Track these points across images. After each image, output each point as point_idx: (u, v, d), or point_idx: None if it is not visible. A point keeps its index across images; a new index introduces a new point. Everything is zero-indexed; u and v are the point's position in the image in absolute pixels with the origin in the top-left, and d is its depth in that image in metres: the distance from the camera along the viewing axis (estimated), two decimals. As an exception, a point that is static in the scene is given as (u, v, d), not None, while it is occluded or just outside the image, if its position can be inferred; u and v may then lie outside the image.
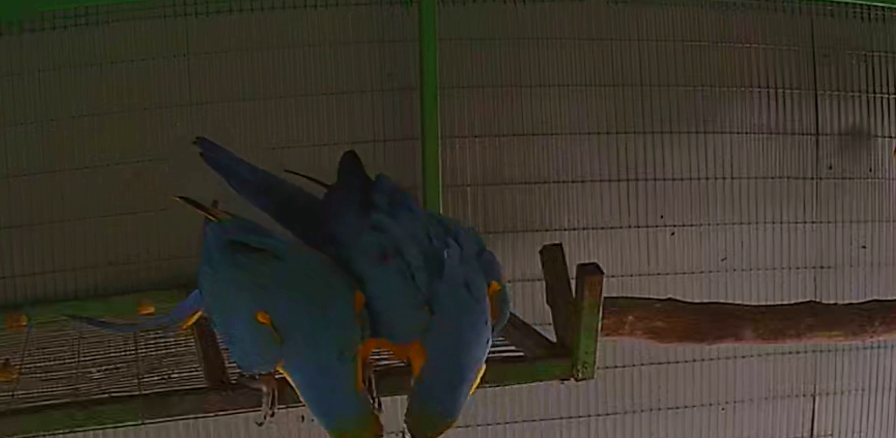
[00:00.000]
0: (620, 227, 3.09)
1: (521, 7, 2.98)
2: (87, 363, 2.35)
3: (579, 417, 3.14)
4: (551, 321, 2.29)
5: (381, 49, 2.92)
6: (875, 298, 2.80)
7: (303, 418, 2.91)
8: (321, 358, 1.88)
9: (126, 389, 2.14)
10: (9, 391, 2.16)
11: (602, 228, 3.07)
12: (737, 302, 2.80)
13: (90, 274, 2.82)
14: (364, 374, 1.92)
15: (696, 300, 2.70)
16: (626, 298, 2.62)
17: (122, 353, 2.41)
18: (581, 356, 2.17)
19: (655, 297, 2.66)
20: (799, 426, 3.29)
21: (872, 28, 3.20)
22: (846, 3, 3.15)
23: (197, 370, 2.22)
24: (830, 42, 3.18)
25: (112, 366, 2.32)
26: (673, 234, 3.12)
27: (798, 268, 3.21)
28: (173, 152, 2.78)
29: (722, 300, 2.79)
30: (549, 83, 3.03)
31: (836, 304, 2.77)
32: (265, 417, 2.01)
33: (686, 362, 3.17)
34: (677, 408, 3.20)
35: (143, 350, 2.42)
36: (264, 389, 1.99)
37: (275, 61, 2.87)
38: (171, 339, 2.46)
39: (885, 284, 3.25)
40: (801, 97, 3.17)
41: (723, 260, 3.16)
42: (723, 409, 3.23)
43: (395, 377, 2.05)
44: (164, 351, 2.40)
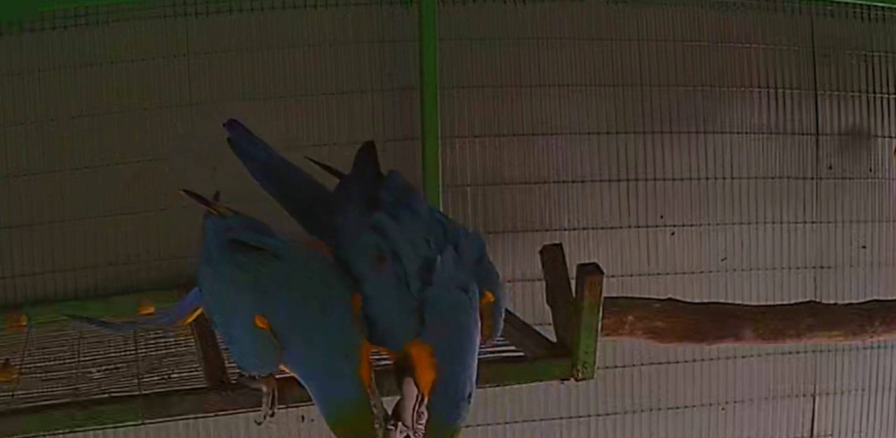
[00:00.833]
0: (620, 227, 3.09)
1: (521, 7, 2.99)
2: (87, 363, 2.35)
3: (579, 417, 3.14)
4: (551, 321, 2.29)
5: (381, 49, 2.92)
6: (875, 298, 2.80)
7: (303, 418, 2.91)
8: (321, 362, 1.88)
9: (126, 389, 2.14)
10: (9, 391, 2.16)
11: (602, 228, 3.07)
12: (737, 302, 2.80)
13: (90, 274, 2.82)
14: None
15: (696, 300, 2.70)
16: (626, 298, 2.62)
17: (122, 353, 2.41)
18: (581, 356, 2.17)
19: (655, 297, 2.66)
20: (799, 426, 3.29)
21: (872, 28, 3.20)
22: (846, 3, 3.15)
23: (197, 370, 2.22)
24: (830, 42, 3.18)
25: (112, 366, 2.32)
26: (673, 234, 3.12)
27: (798, 268, 3.22)
28: (173, 152, 2.79)
29: (722, 300, 2.79)
30: (549, 83, 3.03)
31: (836, 304, 2.77)
32: (265, 417, 2.01)
33: (686, 362, 3.17)
34: (677, 408, 3.20)
35: (143, 350, 2.42)
36: (264, 389, 1.99)
37: (275, 61, 2.87)
38: (171, 339, 2.46)
39: (885, 284, 3.25)
40: (801, 97, 3.17)
41: (723, 260, 3.16)
42: (723, 409, 3.23)
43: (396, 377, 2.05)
44: (164, 351, 2.40)
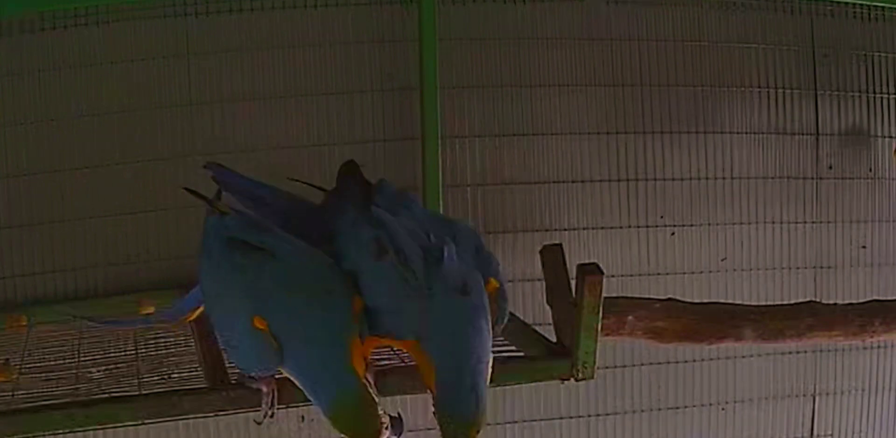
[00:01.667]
0: (620, 227, 3.08)
1: (521, 7, 2.98)
2: (88, 363, 2.35)
3: (579, 417, 3.14)
4: (551, 321, 2.29)
5: (381, 49, 2.92)
6: (875, 298, 2.80)
7: (303, 418, 2.91)
8: (318, 360, 1.88)
9: (126, 389, 2.14)
10: (9, 391, 2.16)
11: (602, 228, 3.07)
12: (737, 302, 2.79)
13: (90, 274, 2.82)
14: (365, 374, 1.91)
15: (696, 300, 2.69)
16: (627, 298, 2.62)
17: (123, 353, 2.41)
18: (581, 356, 2.16)
19: (655, 297, 2.65)
20: (799, 426, 3.29)
21: (872, 28, 3.20)
22: (846, 3, 3.14)
23: (197, 371, 2.22)
24: (830, 42, 3.17)
25: (112, 366, 2.32)
26: (673, 234, 3.12)
27: (798, 268, 3.21)
28: (173, 153, 2.79)
29: (722, 300, 2.79)
30: (549, 83, 3.02)
31: (836, 304, 2.77)
32: (265, 416, 2.01)
33: (686, 362, 3.17)
34: (677, 408, 3.20)
35: (144, 350, 2.42)
36: (264, 389, 1.99)
37: (275, 61, 2.87)
38: (172, 339, 2.46)
39: (886, 284, 3.25)
40: (801, 97, 3.17)
41: (723, 260, 3.16)
42: (723, 409, 3.23)
43: (396, 377, 2.05)
44: (164, 351, 2.40)
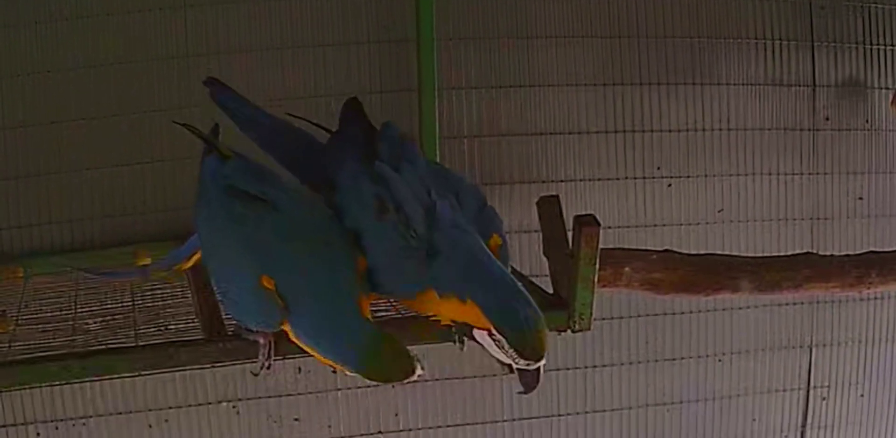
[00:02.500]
0: (617, 178, 3.08)
1: (518, -42, 2.97)
2: (85, 314, 2.36)
3: (576, 368, 3.14)
4: (548, 273, 2.29)
5: (378, 0, 2.90)
6: (872, 249, 2.80)
7: (300, 369, 2.91)
8: (329, 316, 1.88)
9: (123, 340, 2.14)
10: (5, 342, 2.17)
11: (599, 179, 3.07)
12: (733, 254, 2.80)
13: (87, 226, 2.82)
14: None
15: (693, 252, 2.70)
16: (623, 249, 2.63)
17: (119, 305, 2.41)
18: (578, 307, 2.17)
19: (652, 248, 2.66)
20: (796, 377, 3.30)
21: (869, -21, 3.19)
22: (844, -46, 3.14)
23: (194, 322, 2.22)
24: (827, -7, 3.17)
25: (109, 317, 2.32)
26: (670, 185, 3.11)
27: (795, 219, 3.21)
28: (170, 104, 2.79)
29: (719, 252, 2.79)
30: (546, 35, 3.01)
31: (832, 255, 2.77)
32: (262, 368, 2.01)
33: (683, 313, 3.17)
34: (674, 360, 3.21)
35: (140, 302, 2.42)
36: (261, 340, 1.99)
37: (271, 13, 2.86)
38: (168, 291, 2.46)
39: (882, 235, 3.25)
40: (797, 49, 3.16)
41: (719, 211, 3.16)
42: (719, 360, 3.24)
43: (392, 328, 2.04)
44: (160, 303, 2.41)
